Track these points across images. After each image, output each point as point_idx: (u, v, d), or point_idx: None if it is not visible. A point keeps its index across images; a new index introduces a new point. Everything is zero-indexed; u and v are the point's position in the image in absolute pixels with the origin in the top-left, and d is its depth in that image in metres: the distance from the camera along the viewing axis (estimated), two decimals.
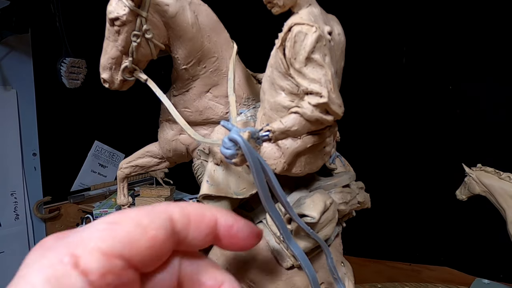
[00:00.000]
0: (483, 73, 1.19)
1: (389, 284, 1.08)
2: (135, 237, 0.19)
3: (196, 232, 0.22)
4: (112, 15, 0.46)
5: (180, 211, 0.21)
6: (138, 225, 0.19)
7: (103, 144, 1.51)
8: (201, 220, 0.22)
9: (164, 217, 0.21)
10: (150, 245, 0.19)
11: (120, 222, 0.19)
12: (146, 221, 0.20)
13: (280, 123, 0.40)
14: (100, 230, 0.19)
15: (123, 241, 0.19)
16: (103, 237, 0.18)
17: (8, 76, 1.25)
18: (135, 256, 0.19)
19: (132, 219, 0.20)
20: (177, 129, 0.58)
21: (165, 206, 0.21)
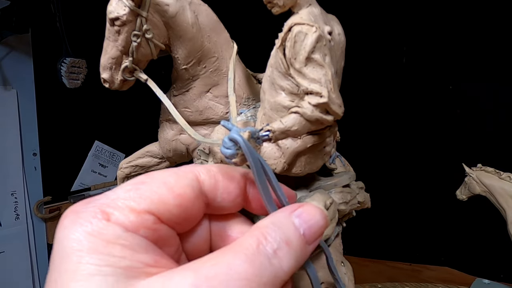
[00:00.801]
0: (483, 73, 1.19)
1: (389, 284, 1.08)
2: (162, 195, 0.19)
3: (225, 194, 0.21)
4: (112, 15, 0.46)
5: (207, 172, 0.21)
6: (164, 184, 0.19)
7: (103, 144, 1.51)
8: (230, 181, 0.22)
9: (190, 176, 0.20)
10: (178, 202, 0.19)
11: (146, 181, 0.20)
12: (172, 180, 0.20)
13: (280, 123, 0.40)
14: (127, 190, 0.19)
15: (150, 198, 0.19)
16: (130, 196, 0.19)
17: (8, 76, 1.24)
18: (164, 212, 0.19)
19: (158, 179, 0.20)
20: (177, 129, 0.58)
21: (191, 167, 0.21)
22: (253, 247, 0.18)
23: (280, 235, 0.19)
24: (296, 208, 0.22)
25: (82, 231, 0.17)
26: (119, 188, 0.20)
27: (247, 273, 0.17)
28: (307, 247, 0.21)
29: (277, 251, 0.19)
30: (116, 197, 0.19)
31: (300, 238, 0.20)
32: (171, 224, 0.20)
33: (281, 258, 0.19)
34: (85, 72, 1.19)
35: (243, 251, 0.18)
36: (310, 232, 0.21)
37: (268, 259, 0.18)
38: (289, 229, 0.20)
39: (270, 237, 0.19)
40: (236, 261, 0.17)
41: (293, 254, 0.19)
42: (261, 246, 0.18)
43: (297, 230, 0.20)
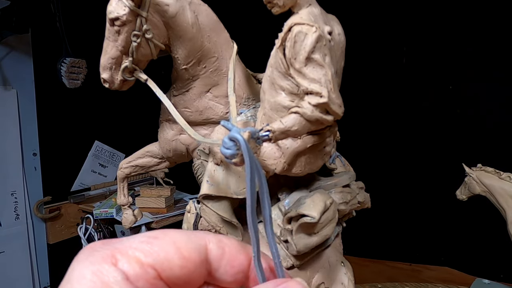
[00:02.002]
0: (483, 73, 1.19)
1: (389, 284, 1.08)
2: (169, 253, 0.21)
3: (228, 267, 0.23)
4: (112, 15, 0.46)
5: (217, 242, 0.22)
6: (173, 244, 0.21)
7: (103, 144, 1.52)
8: (236, 256, 0.23)
9: (200, 242, 0.22)
10: (182, 264, 0.21)
11: (158, 237, 0.21)
12: (182, 242, 0.21)
13: (280, 123, 0.40)
14: (140, 241, 0.21)
15: (157, 254, 0.20)
16: (141, 248, 0.20)
17: (8, 76, 1.25)
18: (167, 270, 0.21)
19: (170, 237, 0.21)
20: (177, 129, 0.58)
21: (204, 234, 0.22)
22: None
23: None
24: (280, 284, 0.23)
25: (89, 269, 0.19)
26: (136, 236, 0.21)
27: None
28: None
29: None
30: (129, 245, 0.21)
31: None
32: (171, 283, 0.21)
33: None
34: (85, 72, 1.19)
35: None
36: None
37: None
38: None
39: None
40: None
41: None
42: None
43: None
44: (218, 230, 0.50)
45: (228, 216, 0.48)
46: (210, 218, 0.50)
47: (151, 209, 1.30)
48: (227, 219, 0.49)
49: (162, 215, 1.27)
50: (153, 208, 1.29)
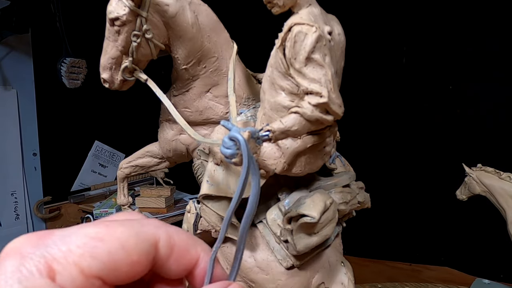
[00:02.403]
0: (483, 73, 1.19)
1: (389, 284, 1.08)
2: (117, 260, 0.18)
3: (174, 265, 0.21)
4: (112, 15, 0.46)
5: (167, 240, 0.21)
6: (122, 247, 0.19)
7: (103, 144, 1.52)
8: (184, 255, 0.22)
9: (150, 242, 0.20)
10: (130, 269, 0.19)
11: (104, 239, 0.18)
12: (132, 244, 0.19)
13: (280, 123, 0.40)
14: (81, 245, 0.18)
15: (104, 262, 0.18)
16: (84, 254, 0.18)
17: (8, 76, 1.25)
18: (113, 278, 0.19)
19: (117, 239, 0.19)
20: (177, 129, 0.58)
21: (154, 229, 0.20)
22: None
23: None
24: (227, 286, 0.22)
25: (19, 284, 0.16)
26: (75, 235, 0.18)
27: None
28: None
29: None
30: (68, 249, 0.18)
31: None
32: (114, 282, 0.19)
33: None
34: (85, 72, 1.19)
35: None
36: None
37: None
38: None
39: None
40: None
41: None
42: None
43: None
44: (218, 230, 0.50)
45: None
46: (210, 218, 0.50)
47: (151, 209, 1.30)
48: None
49: (162, 215, 1.27)
50: (153, 208, 1.29)
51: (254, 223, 0.53)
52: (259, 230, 0.53)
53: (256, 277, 0.51)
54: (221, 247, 0.54)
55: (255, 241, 0.53)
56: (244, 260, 0.52)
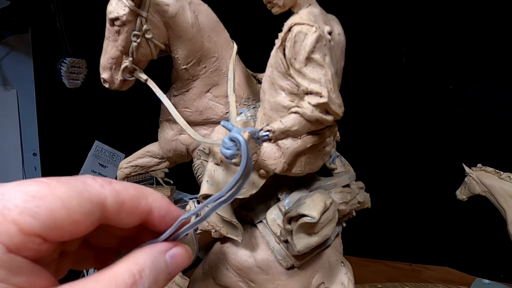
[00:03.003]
0: (483, 73, 1.19)
1: (389, 284, 1.08)
2: (58, 219, 0.18)
3: (126, 219, 0.22)
4: (112, 15, 0.46)
5: (115, 198, 0.20)
6: (64, 207, 0.18)
7: (103, 144, 1.51)
8: (135, 208, 0.22)
9: (95, 202, 0.19)
10: (72, 228, 0.19)
11: (45, 198, 0.18)
12: (74, 204, 0.18)
13: (280, 123, 0.40)
14: (20, 204, 0.17)
15: (44, 221, 0.18)
16: (23, 213, 0.17)
17: (8, 76, 1.25)
18: (54, 236, 0.18)
19: (59, 198, 0.18)
20: (177, 129, 0.58)
21: (99, 189, 0.20)
22: (127, 284, 0.19)
23: (153, 275, 0.21)
24: (171, 247, 0.23)
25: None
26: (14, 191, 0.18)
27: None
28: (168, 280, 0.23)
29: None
30: (5, 207, 0.17)
31: (166, 276, 0.22)
32: (57, 240, 0.19)
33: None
34: (85, 72, 1.19)
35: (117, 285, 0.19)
36: (176, 272, 0.23)
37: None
38: (161, 269, 0.22)
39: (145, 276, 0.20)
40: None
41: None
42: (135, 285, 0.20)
43: (167, 269, 0.22)
44: (218, 230, 0.50)
45: (228, 216, 0.48)
46: (210, 218, 0.51)
47: None
48: (227, 219, 0.49)
49: None
50: None
51: (254, 223, 0.54)
52: (259, 230, 0.53)
53: (256, 277, 0.51)
54: (221, 247, 0.54)
55: (255, 241, 0.53)
56: (244, 260, 0.52)
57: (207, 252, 0.58)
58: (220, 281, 0.54)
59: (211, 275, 0.55)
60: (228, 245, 0.54)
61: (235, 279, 0.53)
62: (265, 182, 0.48)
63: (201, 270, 0.58)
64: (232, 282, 0.53)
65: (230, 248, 0.53)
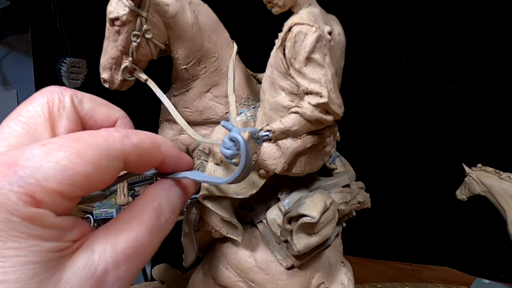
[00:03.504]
0: (483, 73, 1.19)
1: (389, 284, 1.08)
2: (93, 181, 0.20)
3: (141, 168, 0.25)
4: (112, 15, 0.46)
5: (134, 152, 0.23)
6: (96, 170, 0.20)
7: None
8: (150, 159, 0.25)
9: (121, 159, 0.22)
10: (103, 184, 0.21)
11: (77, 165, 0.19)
12: (104, 165, 0.20)
13: (280, 123, 0.40)
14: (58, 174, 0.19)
15: (82, 186, 0.19)
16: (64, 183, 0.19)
17: (8, 76, 1.25)
18: (89, 191, 0.21)
19: (90, 162, 0.20)
20: (177, 129, 0.58)
21: (121, 147, 0.22)
22: (152, 218, 0.23)
23: (171, 206, 0.25)
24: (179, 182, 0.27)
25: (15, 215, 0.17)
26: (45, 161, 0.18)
27: (148, 240, 0.22)
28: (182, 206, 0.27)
29: (168, 219, 0.25)
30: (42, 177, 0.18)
31: (180, 204, 0.27)
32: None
33: (169, 223, 0.25)
34: (85, 72, 1.19)
35: (145, 223, 0.23)
36: (186, 198, 0.28)
37: (162, 226, 0.24)
38: (175, 199, 0.26)
39: (164, 209, 0.24)
40: (141, 233, 0.22)
41: (175, 217, 0.26)
42: (158, 219, 0.24)
43: (180, 198, 0.27)
44: (218, 230, 0.50)
45: (228, 216, 0.49)
46: (210, 218, 0.51)
47: None
48: (227, 219, 0.49)
49: None
50: None
51: (254, 223, 0.54)
52: (259, 230, 0.53)
53: (256, 277, 0.51)
54: (221, 247, 0.54)
55: (255, 241, 0.53)
56: (244, 260, 0.52)
57: (207, 252, 0.58)
58: (220, 281, 0.54)
59: (211, 275, 0.55)
60: (228, 245, 0.54)
61: (235, 279, 0.53)
62: (265, 182, 0.48)
63: (201, 270, 0.58)
64: (232, 282, 0.53)
65: (230, 248, 0.53)
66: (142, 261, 0.22)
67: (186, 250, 0.57)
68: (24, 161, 0.18)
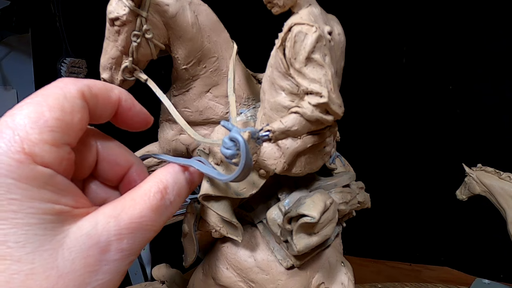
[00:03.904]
0: (483, 73, 1.19)
1: (389, 284, 1.08)
2: (68, 122, 0.21)
3: (103, 109, 0.26)
4: (112, 15, 0.46)
5: (89, 91, 0.24)
6: (64, 112, 0.21)
7: None
8: (108, 99, 0.26)
9: (79, 97, 0.23)
10: (81, 126, 0.22)
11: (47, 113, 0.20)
12: (68, 106, 0.22)
13: (280, 123, 0.40)
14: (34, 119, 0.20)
15: (61, 129, 0.21)
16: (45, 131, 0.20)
17: (9, 76, 1.25)
18: (73, 138, 0.22)
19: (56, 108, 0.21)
20: (177, 129, 0.58)
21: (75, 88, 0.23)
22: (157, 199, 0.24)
23: (177, 190, 0.26)
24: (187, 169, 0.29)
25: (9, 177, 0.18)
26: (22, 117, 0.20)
27: (152, 219, 0.23)
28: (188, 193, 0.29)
29: (173, 202, 0.26)
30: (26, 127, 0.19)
31: (187, 190, 0.28)
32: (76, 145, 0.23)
33: (174, 205, 0.26)
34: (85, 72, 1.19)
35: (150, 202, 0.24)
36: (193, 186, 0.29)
37: (166, 208, 0.25)
38: (182, 184, 0.27)
39: (170, 191, 0.26)
40: (145, 211, 0.23)
41: (180, 201, 0.27)
42: (163, 199, 0.24)
43: (187, 185, 0.28)
44: (218, 230, 0.50)
45: (228, 216, 0.49)
46: (210, 218, 0.51)
47: None
48: (227, 219, 0.49)
49: None
50: None
51: (254, 223, 0.54)
52: (259, 230, 0.53)
53: (256, 277, 0.51)
54: (221, 247, 0.54)
55: (255, 241, 0.53)
56: (244, 260, 0.52)
57: (207, 252, 0.58)
58: (220, 281, 0.54)
59: (211, 275, 0.55)
60: (228, 245, 0.54)
61: (235, 279, 0.53)
62: (265, 182, 0.48)
63: (201, 270, 0.58)
64: (232, 282, 0.53)
65: (230, 248, 0.53)
66: (145, 238, 0.23)
67: (186, 250, 0.57)
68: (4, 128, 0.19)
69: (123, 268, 0.22)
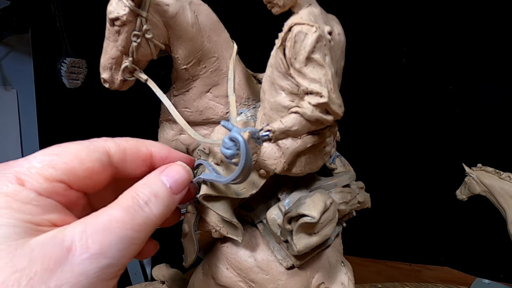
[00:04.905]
0: (483, 73, 1.19)
1: (389, 284, 1.08)
2: (74, 167, 0.23)
3: (133, 165, 0.27)
4: (112, 15, 0.46)
5: (117, 147, 0.25)
6: (76, 158, 0.23)
7: None
8: (137, 154, 0.27)
9: (101, 151, 0.24)
10: (87, 174, 0.23)
11: (59, 154, 0.23)
12: (84, 154, 0.23)
13: (280, 123, 0.40)
14: (40, 161, 0.22)
15: (62, 170, 0.22)
16: (44, 166, 0.22)
17: (9, 76, 1.25)
18: (74, 182, 0.23)
19: (70, 152, 0.23)
20: (177, 129, 0.58)
21: (102, 142, 0.25)
22: (128, 200, 0.24)
23: (150, 190, 0.25)
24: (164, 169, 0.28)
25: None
26: (34, 157, 0.22)
27: (123, 218, 0.23)
28: (175, 196, 0.27)
29: (148, 202, 0.24)
30: (29, 166, 0.22)
31: (166, 191, 0.26)
32: (80, 189, 0.24)
33: (151, 206, 0.24)
34: (85, 72, 1.19)
35: (120, 204, 0.24)
36: (176, 185, 0.27)
37: (140, 208, 0.24)
38: (157, 185, 0.26)
39: (141, 193, 0.25)
40: (114, 211, 0.23)
41: (161, 203, 0.25)
42: (135, 200, 0.24)
43: (164, 185, 0.26)
44: (218, 230, 0.50)
45: (228, 216, 0.49)
46: (210, 218, 0.51)
47: None
48: (227, 219, 0.49)
49: None
50: None
51: (254, 223, 0.54)
52: (259, 230, 0.53)
53: (256, 277, 0.51)
54: (221, 247, 0.54)
55: (255, 241, 0.53)
56: (244, 260, 0.52)
57: (207, 252, 0.58)
58: (220, 281, 0.54)
59: (211, 275, 0.55)
60: (228, 245, 0.54)
61: (235, 279, 0.53)
62: (265, 182, 0.48)
63: (201, 270, 0.58)
64: (232, 282, 0.53)
65: (230, 248, 0.53)
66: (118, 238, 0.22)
67: (186, 250, 0.57)
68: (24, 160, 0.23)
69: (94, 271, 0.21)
